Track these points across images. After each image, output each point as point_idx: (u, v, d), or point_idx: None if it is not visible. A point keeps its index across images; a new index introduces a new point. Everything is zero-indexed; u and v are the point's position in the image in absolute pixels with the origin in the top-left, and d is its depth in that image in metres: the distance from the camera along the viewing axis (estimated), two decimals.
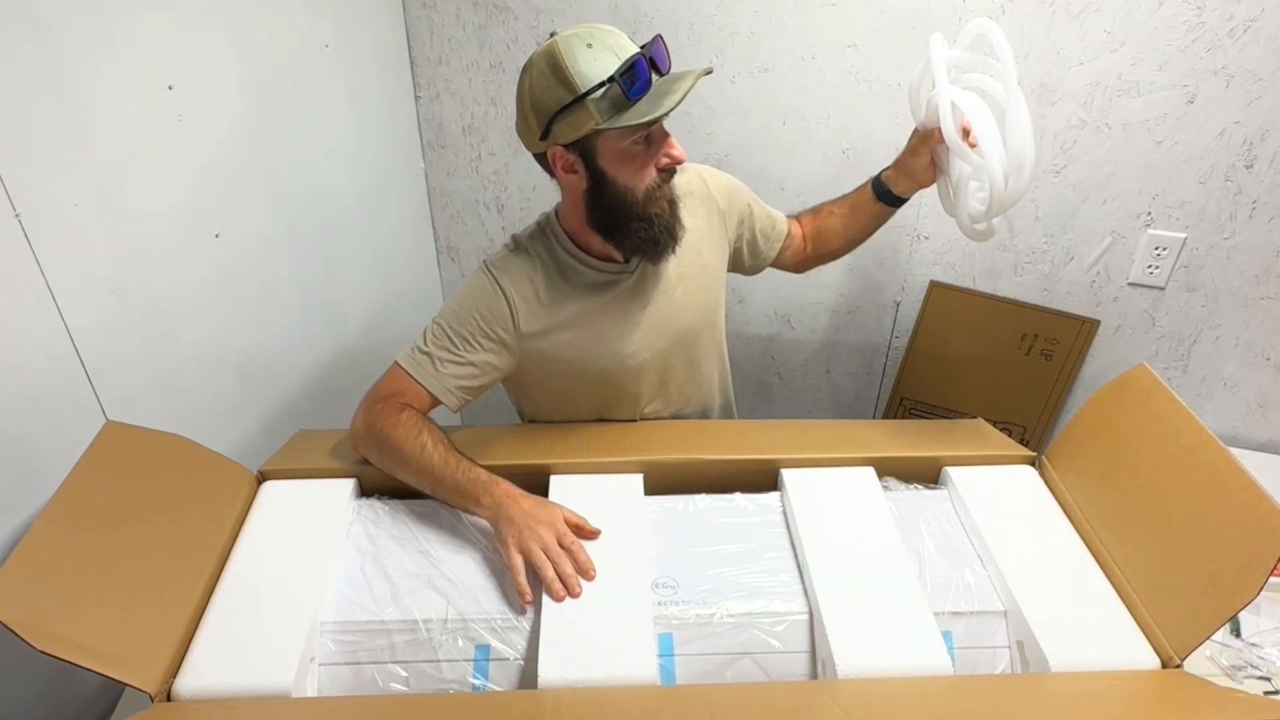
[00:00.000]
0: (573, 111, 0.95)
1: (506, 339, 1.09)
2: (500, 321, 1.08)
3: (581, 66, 0.93)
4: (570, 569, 0.89)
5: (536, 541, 0.90)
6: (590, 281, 1.11)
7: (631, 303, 1.13)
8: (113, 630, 0.77)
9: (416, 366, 1.07)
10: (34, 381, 0.93)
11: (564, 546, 0.91)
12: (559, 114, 0.96)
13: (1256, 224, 1.47)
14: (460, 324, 1.08)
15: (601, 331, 1.12)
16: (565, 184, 1.06)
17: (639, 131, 0.98)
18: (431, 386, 1.07)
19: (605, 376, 1.14)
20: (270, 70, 1.29)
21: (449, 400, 1.08)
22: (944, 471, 1.08)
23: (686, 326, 1.17)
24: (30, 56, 0.90)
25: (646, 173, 1.01)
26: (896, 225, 1.66)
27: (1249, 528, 0.81)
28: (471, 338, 1.08)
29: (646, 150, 1.01)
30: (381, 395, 1.07)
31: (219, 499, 0.97)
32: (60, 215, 0.95)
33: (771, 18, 1.52)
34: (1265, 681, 1.02)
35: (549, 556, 0.89)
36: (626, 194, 1.02)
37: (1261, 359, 1.59)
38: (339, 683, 0.84)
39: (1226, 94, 1.38)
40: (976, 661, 0.89)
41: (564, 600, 0.87)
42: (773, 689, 0.83)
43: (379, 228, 1.68)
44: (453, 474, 0.98)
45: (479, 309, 1.08)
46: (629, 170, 1.01)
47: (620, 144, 0.98)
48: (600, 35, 0.96)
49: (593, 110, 0.94)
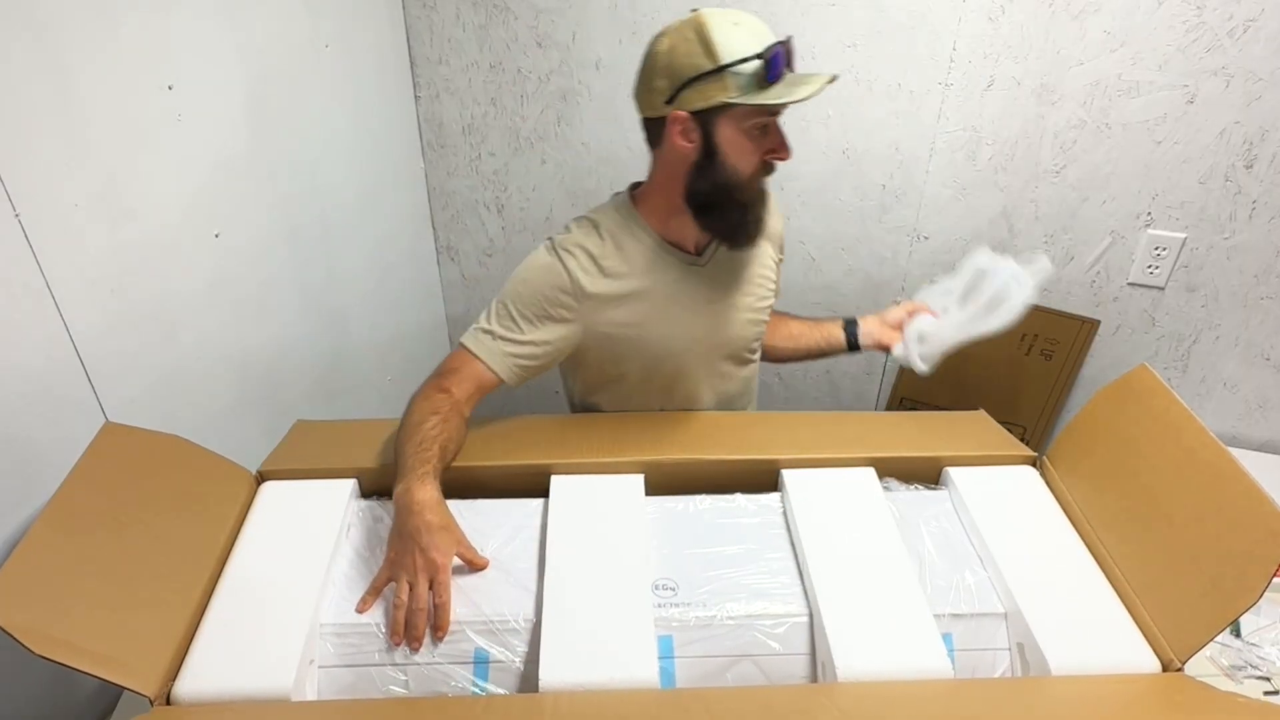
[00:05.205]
0: (708, 81, 0.97)
1: (568, 315, 1.10)
2: (561, 299, 1.09)
3: (727, 39, 0.96)
4: (420, 624, 0.84)
5: (408, 575, 0.86)
6: (657, 263, 1.12)
7: (694, 294, 1.14)
8: (111, 633, 0.77)
9: (478, 344, 1.09)
10: (34, 382, 0.93)
11: (433, 589, 0.86)
12: (693, 80, 0.98)
13: (1256, 224, 1.47)
14: (521, 302, 1.09)
15: (660, 315, 1.12)
16: (672, 153, 1.05)
17: (764, 115, 1.00)
18: (492, 363, 1.08)
19: (655, 361, 1.15)
20: (270, 70, 1.28)
21: (508, 376, 1.09)
22: (944, 472, 1.08)
23: (739, 328, 1.19)
24: (30, 56, 0.90)
25: (754, 159, 1.04)
26: (896, 225, 1.67)
27: (1250, 530, 0.81)
28: (533, 316, 1.09)
29: (760, 137, 1.03)
30: (440, 370, 1.09)
31: (218, 500, 0.96)
32: (60, 215, 0.95)
33: (771, 18, 1.51)
34: (1265, 681, 1.02)
35: (410, 601, 0.85)
36: (733, 174, 1.04)
37: (1261, 359, 1.59)
38: (338, 685, 0.84)
39: (1226, 94, 1.38)
40: (976, 664, 0.88)
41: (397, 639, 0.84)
42: (772, 692, 0.83)
43: (379, 227, 1.67)
44: (407, 451, 0.96)
45: (540, 287, 1.09)
46: (740, 151, 1.02)
47: (743, 123, 1.00)
48: (746, 18, 0.99)
49: (729, 83, 0.97)
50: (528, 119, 1.72)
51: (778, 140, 1.04)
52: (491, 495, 1.02)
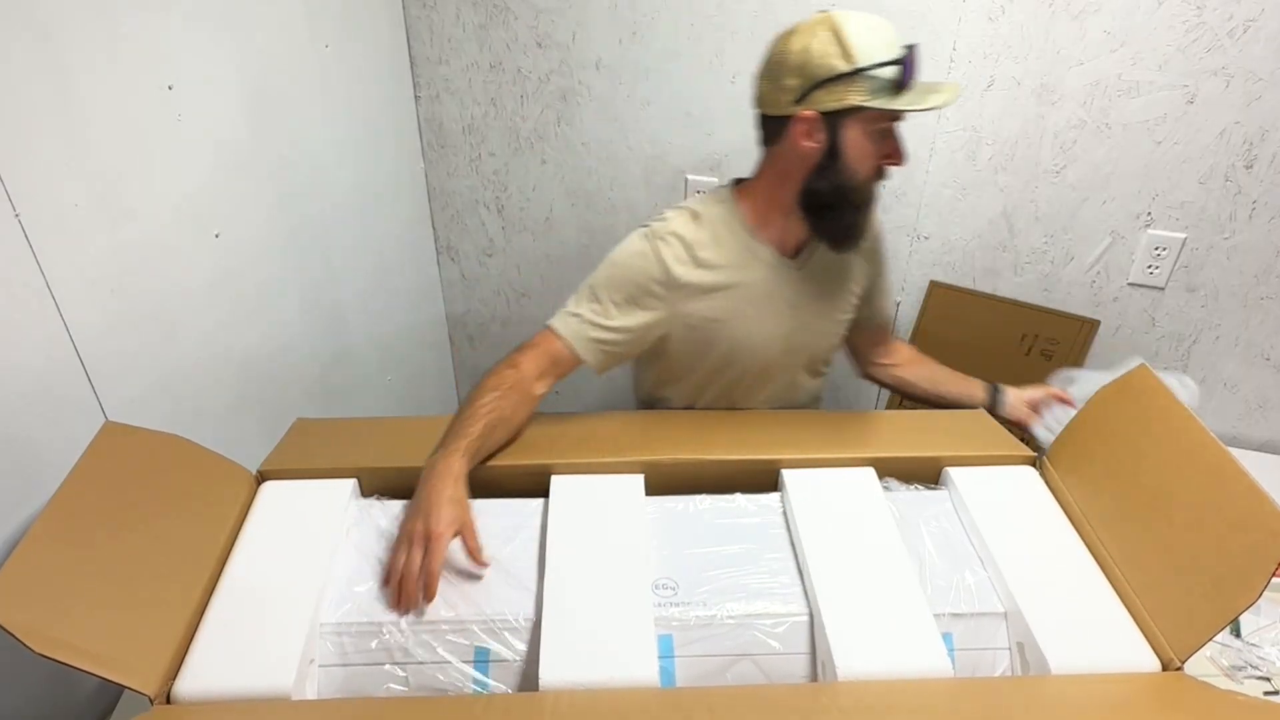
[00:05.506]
0: (842, 83, 0.98)
1: (656, 304, 1.11)
2: (652, 288, 1.10)
3: (864, 43, 0.97)
4: (409, 589, 0.85)
5: (407, 541, 0.88)
6: (750, 260, 1.12)
7: (782, 295, 1.14)
8: (111, 632, 0.77)
9: (564, 325, 1.10)
10: (34, 381, 0.93)
11: (425, 558, 0.86)
12: (826, 82, 0.98)
13: (1256, 224, 1.47)
14: (611, 287, 1.10)
15: (744, 312, 1.13)
16: (792, 152, 1.05)
17: (889, 120, 1.01)
18: (576, 345, 1.09)
19: (731, 356, 1.16)
20: (270, 70, 1.28)
21: (591, 359, 1.10)
22: (945, 472, 1.08)
23: (820, 336, 1.20)
24: (30, 56, 0.90)
25: (873, 163, 1.05)
26: (897, 225, 1.67)
27: (1250, 529, 0.81)
28: (622, 301, 1.10)
29: (881, 142, 1.03)
30: (522, 347, 1.10)
31: (218, 499, 0.96)
32: (60, 215, 0.95)
33: (771, 18, 1.52)
34: (1265, 681, 1.02)
35: (405, 566, 0.86)
36: (852, 177, 1.04)
37: (1261, 359, 1.59)
38: (339, 684, 0.84)
39: (1226, 94, 1.38)
40: (977, 663, 0.88)
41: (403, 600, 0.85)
42: (773, 691, 0.83)
43: (379, 227, 1.67)
44: (453, 423, 1.00)
45: (632, 274, 1.10)
46: (862, 154, 1.03)
47: (870, 127, 1.01)
48: (880, 22, 1.00)
49: (863, 86, 0.98)
50: (528, 119, 1.72)
51: (895, 146, 1.05)
52: (492, 495, 1.02)
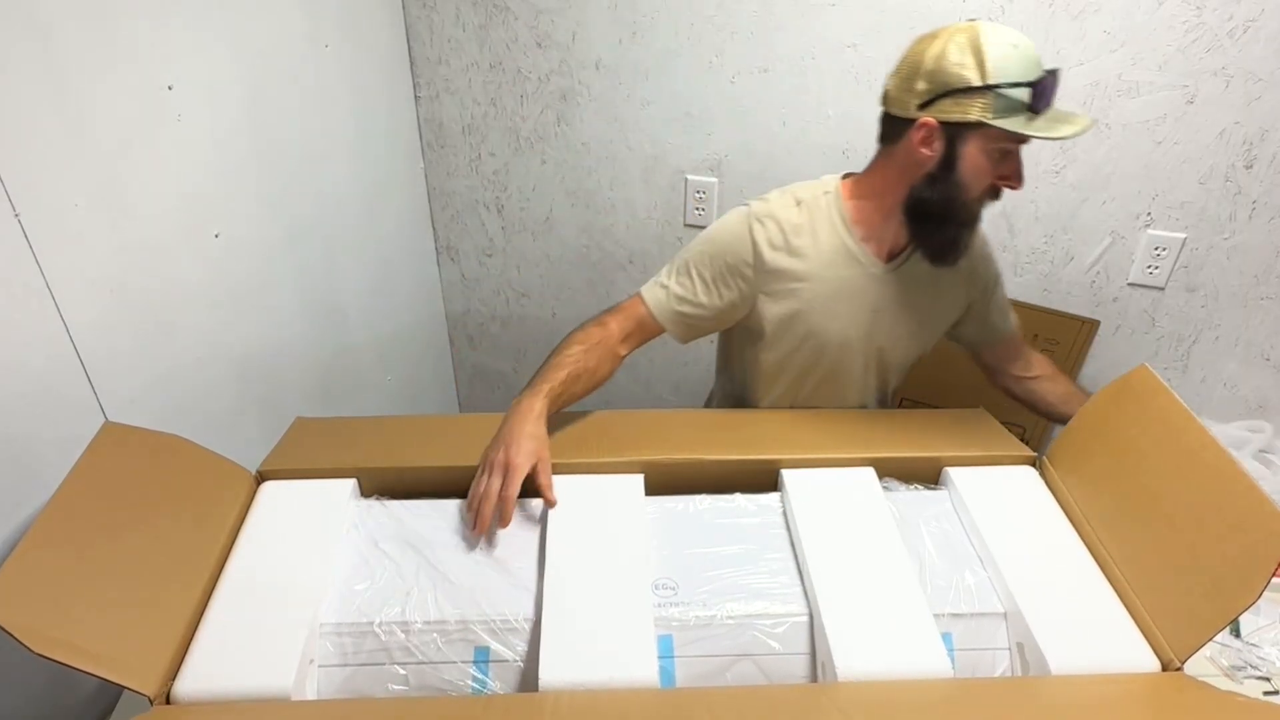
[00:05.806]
0: (971, 96, 0.96)
1: (743, 284, 1.12)
2: (740, 269, 1.11)
3: (1002, 60, 0.95)
4: (486, 510, 0.93)
5: (487, 468, 0.96)
6: (841, 257, 1.12)
7: (865, 296, 1.14)
8: (111, 632, 0.77)
9: (651, 294, 1.14)
10: (33, 381, 0.93)
11: (503, 486, 0.94)
12: (955, 92, 0.97)
13: (1256, 224, 1.47)
14: (702, 262, 1.12)
15: (824, 304, 1.13)
16: (906, 157, 1.05)
17: (1013, 142, 1.00)
18: (659, 314, 1.13)
19: (801, 345, 1.16)
20: (270, 70, 1.28)
21: (674, 330, 1.14)
22: (944, 472, 1.08)
23: (896, 343, 1.19)
24: (30, 56, 0.90)
25: (987, 181, 1.03)
26: None
27: (1250, 530, 0.81)
28: (710, 278, 1.12)
29: (1000, 163, 1.02)
30: (612, 309, 1.14)
31: (218, 499, 0.96)
32: (60, 215, 0.95)
33: (771, 18, 1.52)
34: (1265, 681, 1.02)
35: (485, 489, 0.94)
36: (963, 191, 1.03)
37: (1261, 359, 1.59)
38: (338, 685, 0.84)
39: (1226, 94, 1.38)
40: (976, 664, 0.88)
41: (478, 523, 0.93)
42: (773, 692, 0.83)
43: (379, 228, 1.68)
44: (540, 368, 1.07)
45: (723, 252, 1.12)
46: (977, 171, 1.02)
47: (990, 145, 1.00)
48: (1024, 41, 0.98)
49: (992, 103, 0.96)
50: (528, 119, 1.72)
51: (1015, 168, 1.03)
52: None
